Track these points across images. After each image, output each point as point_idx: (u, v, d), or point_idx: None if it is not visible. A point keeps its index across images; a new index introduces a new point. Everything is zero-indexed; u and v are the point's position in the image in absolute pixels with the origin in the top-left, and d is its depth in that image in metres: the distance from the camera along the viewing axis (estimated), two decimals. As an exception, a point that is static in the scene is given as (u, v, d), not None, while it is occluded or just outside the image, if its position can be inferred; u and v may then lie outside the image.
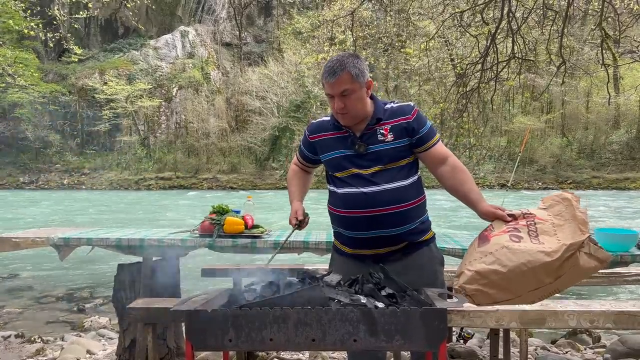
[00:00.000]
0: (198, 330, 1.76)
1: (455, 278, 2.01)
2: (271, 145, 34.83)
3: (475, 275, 1.89)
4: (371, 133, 2.20)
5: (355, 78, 2.10)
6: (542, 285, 1.87)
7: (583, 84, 31.00)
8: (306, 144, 2.41)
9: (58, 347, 4.33)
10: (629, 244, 2.83)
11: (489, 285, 1.87)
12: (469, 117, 9.28)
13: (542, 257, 1.82)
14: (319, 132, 2.33)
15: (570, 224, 1.92)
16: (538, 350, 4.23)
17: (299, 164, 2.53)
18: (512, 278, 1.84)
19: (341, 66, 2.09)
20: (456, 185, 2.21)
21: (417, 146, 2.22)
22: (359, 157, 2.18)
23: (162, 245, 3.12)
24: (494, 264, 1.87)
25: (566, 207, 1.98)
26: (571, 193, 2.05)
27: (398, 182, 2.16)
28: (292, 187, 2.50)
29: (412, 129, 2.20)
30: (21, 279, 8.01)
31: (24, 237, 3.24)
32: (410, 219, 2.19)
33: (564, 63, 6.94)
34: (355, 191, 2.16)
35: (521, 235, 1.93)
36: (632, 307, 2.67)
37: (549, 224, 1.95)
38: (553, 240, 1.89)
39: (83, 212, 18.66)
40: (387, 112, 2.23)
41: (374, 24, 12.13)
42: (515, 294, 1.89)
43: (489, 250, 1.93)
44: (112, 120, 35.10)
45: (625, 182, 28.97)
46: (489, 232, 2.04)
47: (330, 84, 2.11)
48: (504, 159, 32.03)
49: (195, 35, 39.78)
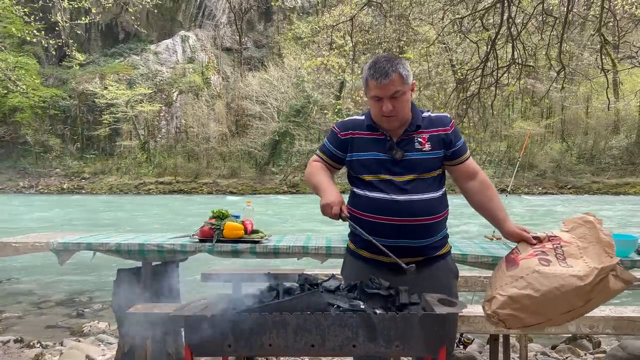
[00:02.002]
0: (197, 335, 1.76)
1: (485, 303, 1.99)
2: (271, 150, 34.86)
3: (508, 300, 1.88)
4: (409, 140, 2.14)
5: (405, 79, 2.05)
6: (574, 309, 1.87)
7: (583, 89, 31.09)
8: (335, 141, 2.26)
9: (57, 352, 4.32)
10: (629, 250, 2.83)
11: (522, 310, 1.87)
12: (469, 122, 9.30)
13: (574, 282, 1.81)
14: (354, 130, 2.23)
15: (595, 247, 1.92)
16: (538, 355, 4.23)
17: (319, 164, 2.33)
18: (545, 302, 1.84)
19: (393, 67, 2.02)
20: (484, 201, 2.19)
21: (451, 159, 2.19)
22: (393, 163, 2.12)
23: (162, 250, 3.11)
24: (527, 289, 1.86)
25: (589, 230, 1.98)
26: (593, 215, 2.03)
27: (430, 194, 2.13)
28: (319, 176, 2.25)
29: (450, 141, 2.17)
30: (20, 283, 8.00)
31: (23, 241, 3.24)
32: (435, 232, 2.16)
33: (563, 68, 6.95)
34: (386, 197, 2.10)
35: (549, 259, 1.92)
36: (632, 312, 2.67)
37: (574, 246, 1.95)
38: (580, 262, 1.88)
39: (83, 216, 18.65)
40: (426, 121, 2.18)
41: (373, 29, 12.18)
42: (547, 317, 1.89)
43: (520, 274, 1.91)
44: (112, 124, 35.16)
45: (625, 187, 28.99)
46: (516, 255, 2.02)
47: (382, 86, 2.03)
48: (504, 164, 32.06)
49: (195, 40, 39.89)
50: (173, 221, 16.69)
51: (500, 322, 1.92)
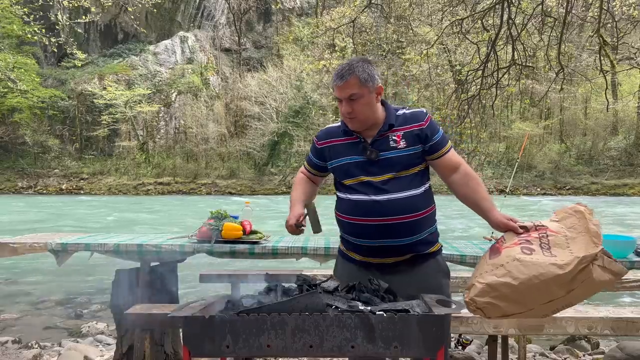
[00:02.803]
0: (195, 336, 1.76)
1: (465, 290, 1.99)
2: (270, 151, 34.85)
3: (486, 288, 1.87)
4: (383, 139, 2.17)
5: (363, 83, 2.08)
6: (555, 298, 1.85)
7: (581, 90, 31.10)
8: (315, 151, 2.37)
9: (55, 353, 4.31)
10: (627, 251, 2.83)
11: (500, 298, 1.86)
12: (470, 124, 9.30)
13: (554, 270, 1.80)
14: (328, 138, 2.30)
15: (584, 237, 1.90)
16: (536, 356, 4.23)
17: (306, 173, 2.48)
18: (524, 291, 1.83)
19: (350, 70, 2.08)
20: (468, 193, 2.19)
21: (429, 153, 2.20)
22: (369, 164, 2.15)
23: (160, 251, 3.11)
24: (505, 277, 1.85)
25: (579, 220, 1.97)
26: (584, 206, 2.02)
27: (410, 191, 2.13)
28: (296, 191, 2.43)
29: (426, 135, 2.17)
30: (19, 284, 7.98)
31: (21, 242, 3.23)
32: (420, 229, 2.16)
33: (562, 69, 6.96)
34: (366, 199, 2.12)
35: (533, 248, 1.91)
36: (630, 313, 2.67)
37: (562, 236, 1.93)
38: (565, 253, 1.87)
39: (81, 217, 18.63)
40: (400, 119, 2.20)
41: (373, 30, 12.19)
42: (527, 307, 1.88)
43: (500, 262, 1.91)
44: (111, 125, 35.12)
45: (624, 188, 29.03)
46: (501, 245, 2.02)
47: (339, 88, 2.11)
48: (503, 165, 32.09)
49: (194, 41, 39.89)
50: (172, 222, 16.68)
51: (478, 310, 1.90)
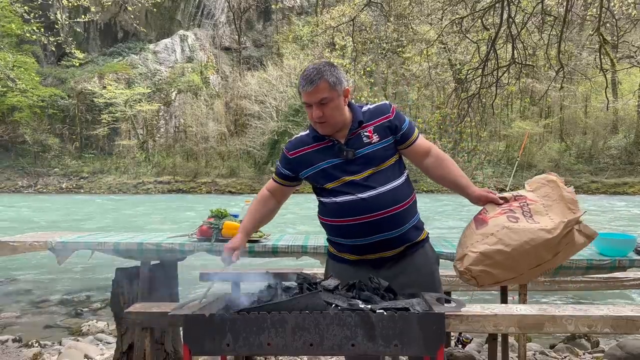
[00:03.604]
0: (196, 334, 1.76)
1: (457, 262, 2.02)
2: (270, 150, 34.84)
3: (480, 257, 1.92)
4: (355, 137, 2.18)
5: (332, 86, 2.09)
6: (542, 262, 1.93)
7: (581, 89, 31.10)
8: (285, 162, 2.31)
9: (55, 352, 4.32)
10: (627, 249, 2.83)
11: (494, 266, 1.92)
12: (470, 122, 9.31)
13: (543, 235, 1.88)
14: (299, 148, 2.27)
15: (559, 204, 1.99)
16: (537, 355, 4.23)
17: (273, 186, 2.38)
18: (516, 256, 1.90)
19: (318, 74, 2.08)
20: (444, 174, 2.24)
21: (401, 142, 2.23)
22: (348, 164, 2.15)
23: (160, 250, 3.11)
24: (498, 244, 1.91)
25: (552, 189, 2.05)
26: (555, 175, 2.11)
27: (393, 182, 2.16)
28: (249, 215, 2.37)
29: (395, 126, 2.20)
30: (19, 283, 7.98)
31: (21, 241, 3.23)
32: (407, 218, 2.19)
33: (562, 68, 6.95)
34: (352, 198, 2.12)
35: (517, 216, 1.98)
36: (631, 312, 2.66)
37: (540, 204, 2.02)
38: (546, 219, 1.95)
39: (81, 216, 18.63)
40: (366, 114, 2.22)
41: (373, 28, 12.18)
42: (518, 272, 1.95)
43: (490, 231, 1.96)
44: (111, 124, 35.14)
45: (624, 186, 29.03)
46: (484, 215, 2.08)
47: (308, 93, 2.09)
48: (503, 164, 32.09)
49: (194, 40, 39.87)
50: (172, 220, 16.68)
51: (472, 279, 1.96)
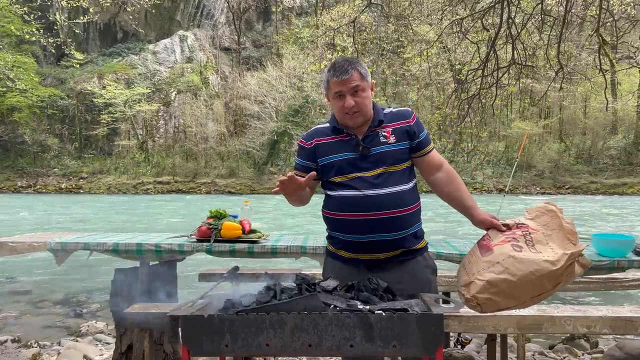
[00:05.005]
0: (195, 335, 1.76)
1: (462, 287, 2.04)
2: (270, 150, 34.85)
3: (487, 285, 1.95)
4: (374, 135, 2.20)
5: (363, 76, 2.16)
6: (543, 292, 1.96)
7: (581, 90, 31.14)
8: (304, 153, 2.32)
9: (55, 352, 4.31)
10: (626, 250, 2.83)
11: (499, 294, 1.94)
12: (470, 123, 9.31)
13: (548, 266, 1.90)
14: (317, 137, 2.30)
15: (558, 234, 2.02)
16: (536, 355, 4.23)
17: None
18: (520, 286, 1.92)
19: (351, 65, 2.15)
20: (452, 191, 2.24)
21: (416, 150, 2.25)
22: (361, 160, 2.17)
23: (160, 250, 3.11)
24: (504, 274, 1.94)
25: (552, 218, 2.08)
26: (554, 205, 2.13)
27: (401, 186, 2.16)
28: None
29: (414, 132, 2.22)
30: (18, 283, 7.97)
31: (21, 241, 3.23)
32: (408, 224, 2.19)
33: (562, 69, 6.95)
34: (356, 194, 2.13)
35: (521, 245, 2.01)
36: (630, 312, 2.66)
37: (541, 233, 2.04)
38: (547, 249, 1.98)
39: (80, 216, 18.62)
40: (388, 116, 2.25)
41: (373, 29, 12.19)
42: (520, 300, 1.98)
43: (496, 260, 1.99)
44: (111, 124, 35.14)
45: (623, 187, 29.05)
46: (489, 242, 2.09)
47: (342, 82, 2.13)
48: (502, 164, 32.11)
49: (194, 40, 39.88)
50: (171, 221, 16.68)
51: (477, 306, 1.99)
